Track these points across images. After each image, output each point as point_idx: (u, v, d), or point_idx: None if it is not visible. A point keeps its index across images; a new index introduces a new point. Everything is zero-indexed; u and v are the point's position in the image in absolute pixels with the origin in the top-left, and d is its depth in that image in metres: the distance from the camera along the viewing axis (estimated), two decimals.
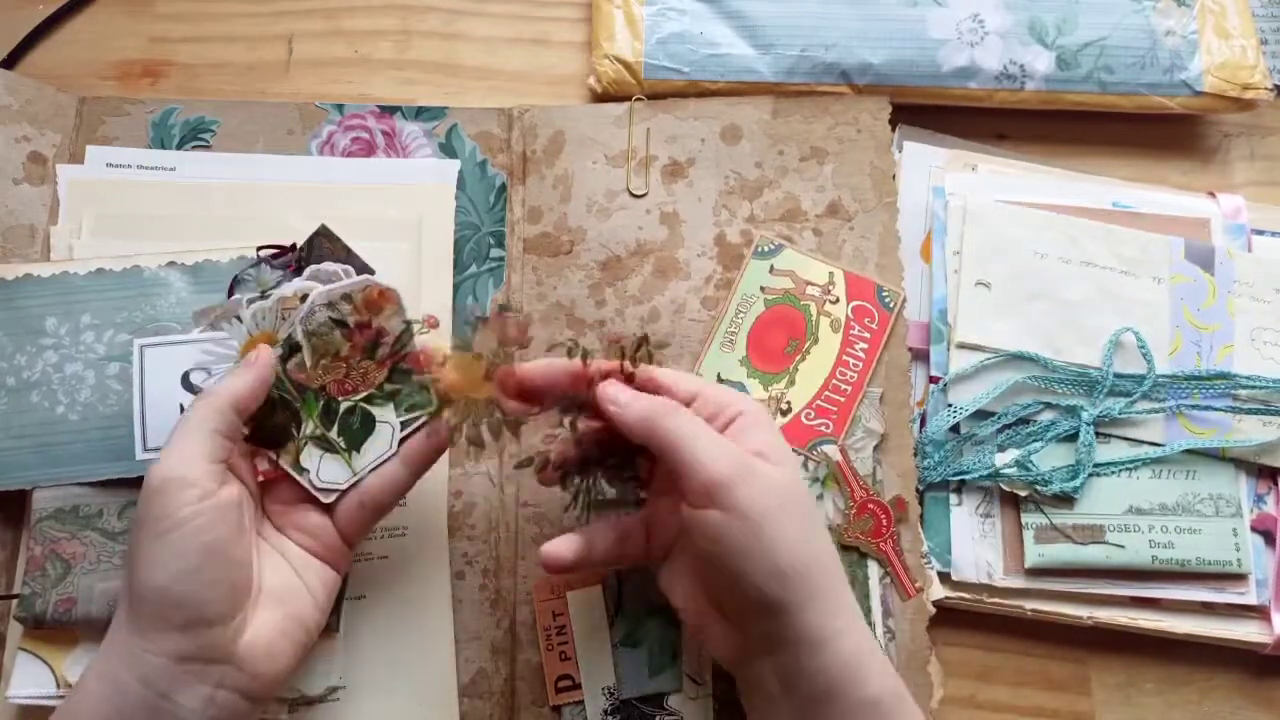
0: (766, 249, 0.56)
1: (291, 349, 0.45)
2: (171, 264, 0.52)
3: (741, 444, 0.42)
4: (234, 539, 0.40)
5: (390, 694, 0.50)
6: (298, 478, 0.44)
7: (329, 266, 0.48)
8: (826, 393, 0.54)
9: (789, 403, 0.53)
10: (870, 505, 0.52)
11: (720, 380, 0.54)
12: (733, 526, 0.40)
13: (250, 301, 0.46)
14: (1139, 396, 0.54)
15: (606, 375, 0.45)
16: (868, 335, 0.55)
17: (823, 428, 0.53)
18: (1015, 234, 0.57)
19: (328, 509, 0.45)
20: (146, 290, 0.52)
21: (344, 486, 0.45)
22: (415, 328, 0.46)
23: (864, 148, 0.58)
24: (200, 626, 0.38)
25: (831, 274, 0.56)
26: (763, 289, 0.55)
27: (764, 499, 0.40)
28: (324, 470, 0.45)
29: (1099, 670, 0.54)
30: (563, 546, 0.45)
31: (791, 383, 0.54)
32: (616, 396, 0.43)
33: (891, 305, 0.55)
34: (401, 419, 0.46)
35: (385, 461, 0.45)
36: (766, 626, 0.41)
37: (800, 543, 0.40)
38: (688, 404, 0.44)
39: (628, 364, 0.45)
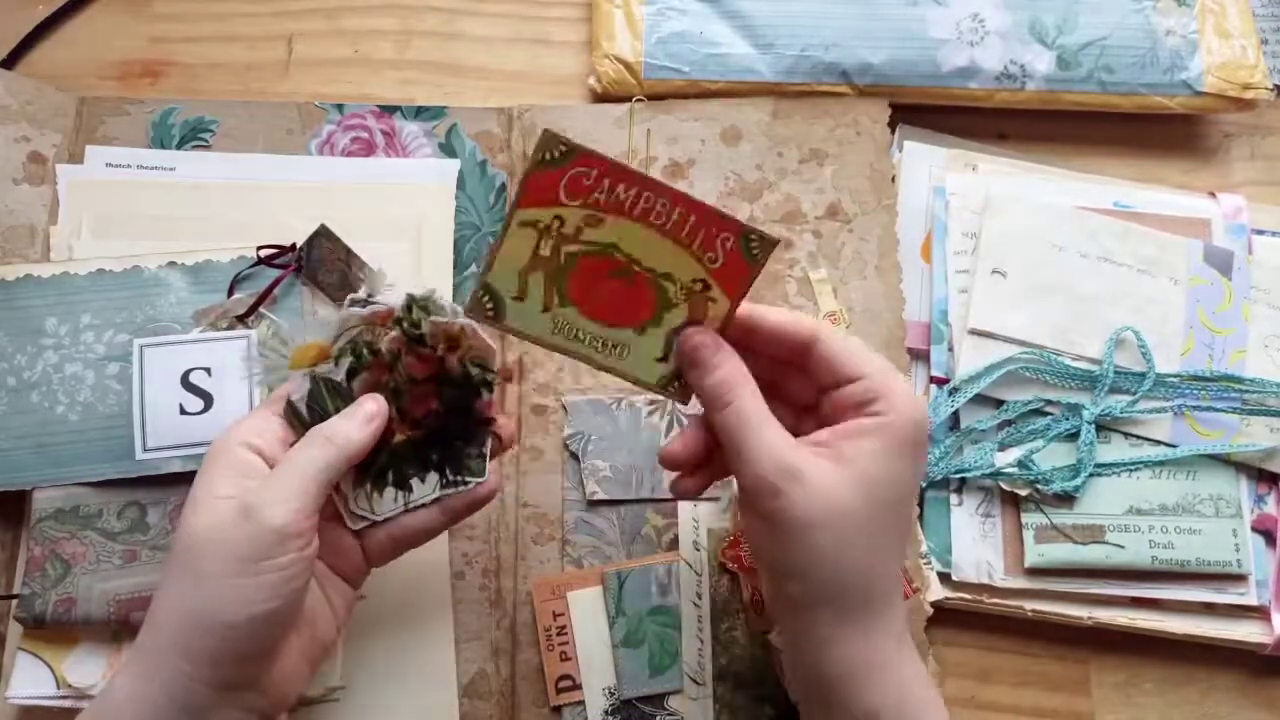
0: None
1: (356, 368, 0.43)
2: (171, 264, 0.52)
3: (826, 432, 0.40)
4: (309, 584, 0.40)
5: (390, 694, 0.50)
6: (334, 496, 0.43)
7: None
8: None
9: None
10: None
11: None
12: (764, 530, 0.39)
13: (353, 303, 0.44)
14: (1140, 395, 0.54)
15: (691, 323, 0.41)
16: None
17: None
18: (1035, 225, 0.57)
19: (357, 532, 0.44)
20: (146, 290, 0.52)
21: (376, 519, 0.43)
22: (491, 378, 0.44)
23: (863, 150, 0.58)
24: (251, 660, 0.38)
25: None
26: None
27: (805, 512, 0.38)
28: (362, 498, 0.43)
29: (1099, 670, 0.54)
30: (677, 445, 0.43)
31: None
32: (706, 357, 0.41)
33: (755, 253, 0.41)
34: (454, 474, 0.44)
35: (423, 506, 0.44)
36: (785, 611, 0.41)
37: (836, 559, 0.38)
38: (807, 348, 0.41)
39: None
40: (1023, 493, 0.53)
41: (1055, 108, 0.61)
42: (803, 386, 0.43)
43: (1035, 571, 0.53)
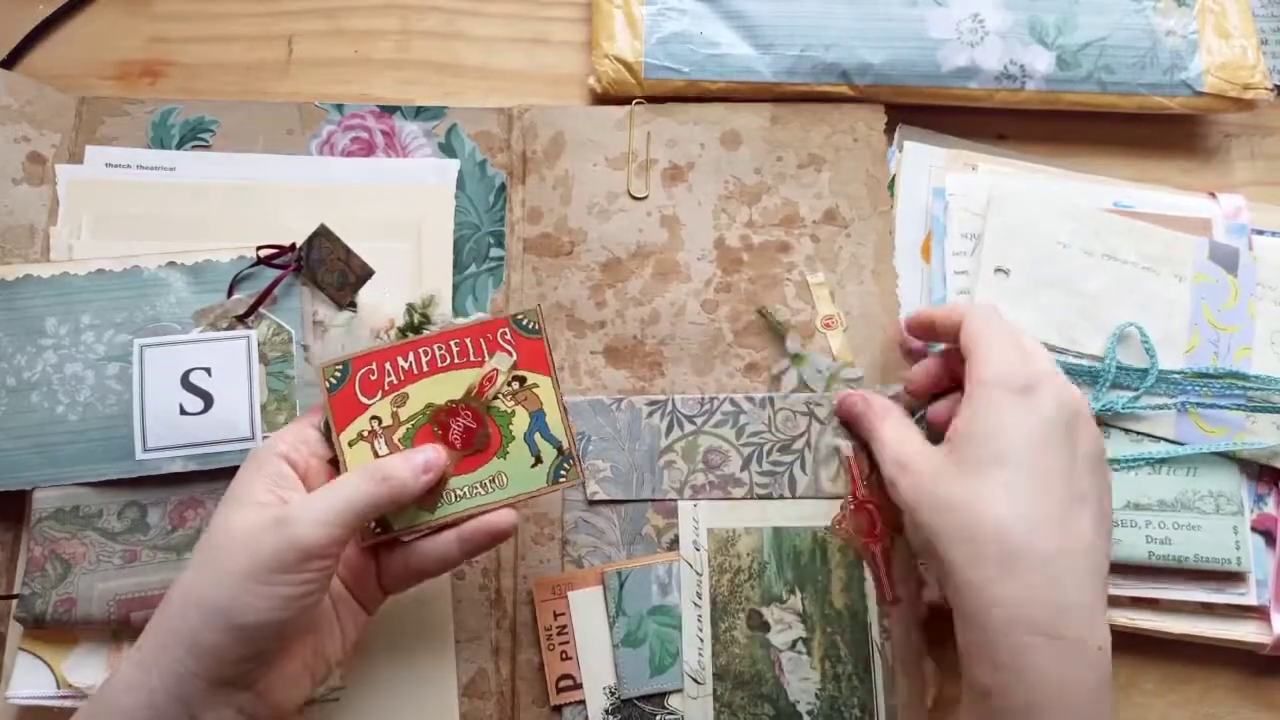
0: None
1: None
2: (171, 264, 0.52)
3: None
4: (322, 600, 0.41)
5: (390, 693, 0.50)
6: None
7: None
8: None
9: None
10: (868, 505, 0.52)
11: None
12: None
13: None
14: (1143, 392, 0.54)
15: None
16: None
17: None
18: (1038, 222, 0.57)
19: (376, 556, 0.44)
20: (146, 290, 0.52)
21: (384, 537, 0.43)
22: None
23: (860, 156, 0.59)
24: (252, 661, 0.39)
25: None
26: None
27: (911, 495, 0.44)
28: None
29: None
30: None
31: None
32: (855, 409, 0.52)
33: (531, 326, 0.46)
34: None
35: (438, 531, 0.44)
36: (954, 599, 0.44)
37: (945, 526, 0.43)
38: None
39: None
40: None
41: (1055, 108, 0.61)
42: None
43: None
